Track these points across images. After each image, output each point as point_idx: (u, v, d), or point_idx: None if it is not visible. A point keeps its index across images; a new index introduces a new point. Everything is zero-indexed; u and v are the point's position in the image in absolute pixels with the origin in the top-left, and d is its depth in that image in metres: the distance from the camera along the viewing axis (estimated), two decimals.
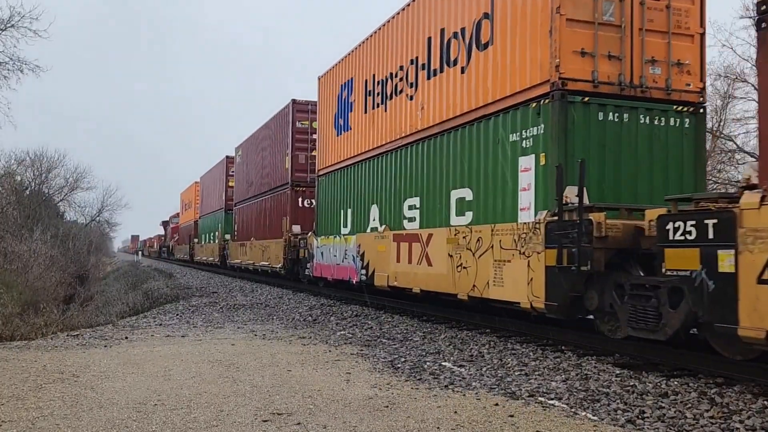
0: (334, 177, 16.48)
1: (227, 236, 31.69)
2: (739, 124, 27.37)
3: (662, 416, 5.27)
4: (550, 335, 9.11)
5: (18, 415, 5.33)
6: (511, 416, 5.30)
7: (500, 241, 9.10)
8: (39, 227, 28.95)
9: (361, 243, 14.37)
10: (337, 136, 16.29)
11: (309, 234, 18.31)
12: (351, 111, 15.44)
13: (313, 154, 19.60)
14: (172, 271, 38.24)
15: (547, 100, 8.54)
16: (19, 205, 32.11)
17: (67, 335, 10.56)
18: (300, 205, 20.78)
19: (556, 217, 7.98)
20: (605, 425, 5.08)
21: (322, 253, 16.96)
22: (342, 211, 15.86)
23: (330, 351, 8.60)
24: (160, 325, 11.86)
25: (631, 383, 6.39)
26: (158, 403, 5.72)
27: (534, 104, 8.76)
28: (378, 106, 13.82)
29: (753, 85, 24.35)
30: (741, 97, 27.36)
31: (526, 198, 8.80)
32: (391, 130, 13.16)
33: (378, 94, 13.83)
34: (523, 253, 8.57)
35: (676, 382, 6.38)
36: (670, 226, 6.62)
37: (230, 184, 32.22)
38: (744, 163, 23.89)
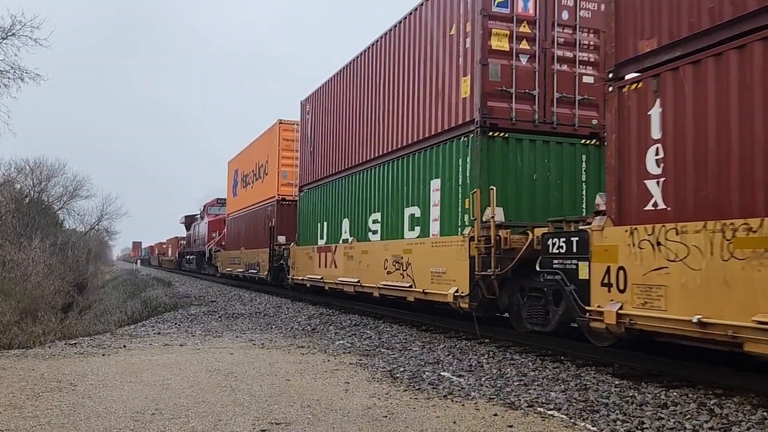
0: None
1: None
2: None
3: (661, 427, 5.26)
4: (550, 345, 9.09)
5: (15, 424, 5.31)
6: (510, 426, 5.29)
7: None
8: (38, 235, 28.94)
9: None
10: None
11: None
12: None
13: None
14: (172, 280, 37.84)
15: None
16: (19, 213, 32.12)
17: (65, 344, 10.53)
18: None
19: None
20: None
21: None
22: None
23: (329, 360, 8.58)
24: (159, 333, 11.83)
25: (631, 394, 6.37)
26: (156, 412, 5.70)
27: None
28: None
29: None
30: None
31: None
32: None
33: None
34: None
35: (675, 393, 6.37)
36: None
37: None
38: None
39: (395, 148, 13.24)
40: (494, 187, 9.59)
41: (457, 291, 10.23)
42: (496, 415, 5.65)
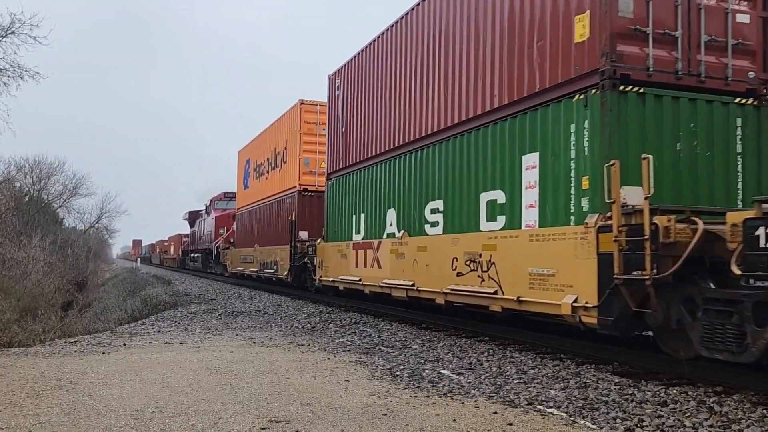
0: None
1: None
2: None
3: (661, 425, 5.26)
4: (549, 344, 9.10)
5: (15, 422, 5.32)
6: (510, 424, 5.29)
7: None
8: (38, 233, 28.95)
9: None
10: None
11: None
12: None
13: None
14: (172, 279, 37.83)
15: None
16: (18, 212, 32.11)
17: (65, 342, 10.54)
18: None
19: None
20: None
21: None
22: None
23: (328, 358, 8.58)
24: (159, 332, 11.83)
25: (630, 391, 6.38)
26: (156, 410, 5.71)
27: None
28: None
29: None
30: None
31: None
32: None
33: None
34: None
35: (675, 391, 6.37)
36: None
37: None
38: None
39: (463, 119, 10.58)
40: (649, 157, 6.82)
41: (576, 300, 7.65)
42: (495, 413, 5.66)
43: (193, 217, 43.80)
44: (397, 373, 7.47)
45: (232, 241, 30.79)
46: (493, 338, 10.07)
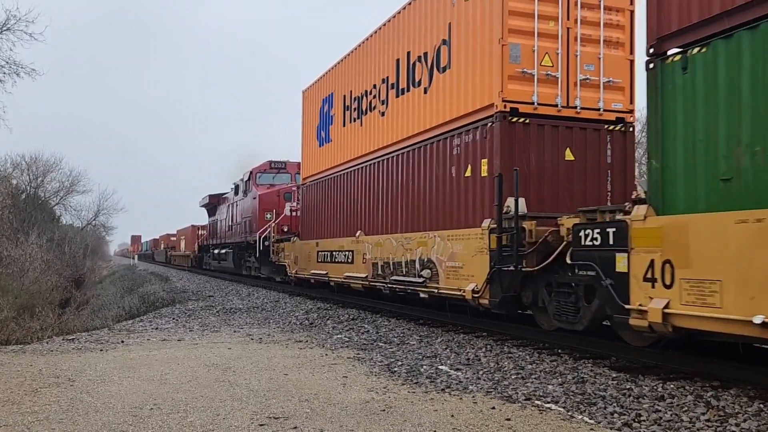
0: None
1: None
2: None
3: (658, 419, 5.28)
4: (547, 339, 9.11)
5: (14, 420, 5.32)
6: (508, 420, 5.31)
7: None
8: (35, 231, 28.91)
9: None
10: None
11: None
12: None
13: None
14: (168, 274, 37.75)
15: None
16: (15, 209, 32.04)
17: (63, 339, 10.53)
18: None
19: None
20: (602, 428, 5.09)
21: None
22: None
23: (327, 355, 8.59)
24: (156, 329, 11.83)
25: (628, 386, 6.40)
26: (154, 407, 5.71)
27: None
28: None
29: None
30: None
31: None
32: None
33: None
34: None
35: (672, 386, 6.39)
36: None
37: None
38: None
39: None
40: None
41: None
42: (493, 408, 5.67)
43: (214, 203, 33.11)
44: (395, 369, 7.48)
45: (285, 229, 22.52)
46: (490, 334, 10.09)
